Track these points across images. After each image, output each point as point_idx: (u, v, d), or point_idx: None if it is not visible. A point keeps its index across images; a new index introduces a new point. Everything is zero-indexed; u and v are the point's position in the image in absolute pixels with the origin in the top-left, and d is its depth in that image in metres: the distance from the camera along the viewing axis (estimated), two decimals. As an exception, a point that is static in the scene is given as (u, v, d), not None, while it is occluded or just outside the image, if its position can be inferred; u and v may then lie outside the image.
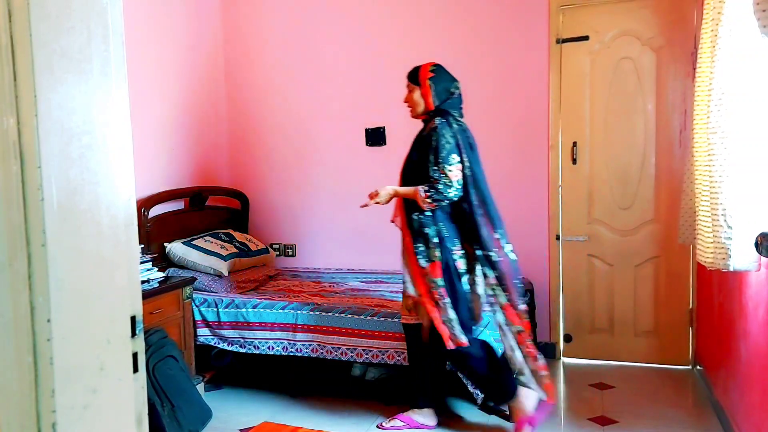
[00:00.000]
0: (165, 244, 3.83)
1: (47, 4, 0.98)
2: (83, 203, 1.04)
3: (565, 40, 3.95)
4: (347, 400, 3.45)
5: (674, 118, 3.81)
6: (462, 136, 2.86)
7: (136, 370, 1.16)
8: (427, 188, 2.78)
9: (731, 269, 2.23)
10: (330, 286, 4.01)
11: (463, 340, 2.81)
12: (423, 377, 3.06)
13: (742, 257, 2.19)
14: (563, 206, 4.04)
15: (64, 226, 1.01)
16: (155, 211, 3.83)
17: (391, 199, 2.93)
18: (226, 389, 3.66)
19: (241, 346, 3.48)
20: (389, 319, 3.24)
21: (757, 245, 1.90)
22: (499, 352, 3.02)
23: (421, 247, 2.83)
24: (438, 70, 2.94)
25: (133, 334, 1.15)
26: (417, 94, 2.94)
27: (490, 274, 2.84)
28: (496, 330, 2.94)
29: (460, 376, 3.08)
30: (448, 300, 2.80)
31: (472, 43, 4.15)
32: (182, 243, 3.85)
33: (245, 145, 4.70)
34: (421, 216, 2.84)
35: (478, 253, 2.85)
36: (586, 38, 3.91)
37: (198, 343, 3.54)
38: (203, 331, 3.55)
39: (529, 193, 4.08)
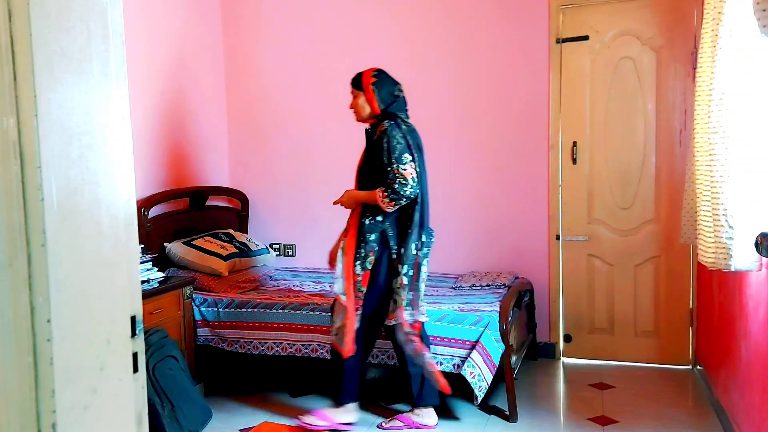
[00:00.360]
0: (165, 244, 3.82)
1: (47, 4, 0.98)
2: (83, 203, 1.04)
3: (565, 40, 3.95)
4: (347, 400, 3.44)
5: (674, 117, 3.81)
6: (411, 136, 2.93)
7: (136, 370, 1.16)
8: (384, 189, 2.83)
9: (733, 269, 2.22)
10: (330, 286, 4.00)
11: (353, 349, 2.92)
12: (418, 375, 3.05)
13: (744, 257, 2.19)
14: (563, 206, 4.04)
15: (64, 226, 1.01)
16: (155, 211, 3.82)
17: (354, 204, 2.97)
18: (226, 389, 3.65)
19: (241, 347, 3.48)
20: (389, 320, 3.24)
21: (757, 245, 1.90)
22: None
23: (362, 253, 2.91)
24: (380, 74, 3.00)
25: (133, 334, 1.15)
26: (362, 100, 3.00)
27: (403, 272, 2.89)
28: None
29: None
30: (361, 310, 2.92)
31: (472, 43, 4.14)
32: (182, 243, 3.84)
33: (245, 144, 4.69)
34: (372, 221, 2.91)
35: (402, 251, 2.90)
36: (586, 38, 3.91)
37: (198, 343, 3.54)
38: (203, 331, 3.55)
39: (529, 193, 4.09)
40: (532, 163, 4.07)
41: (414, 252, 2.89)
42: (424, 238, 2.93)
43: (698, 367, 3.79)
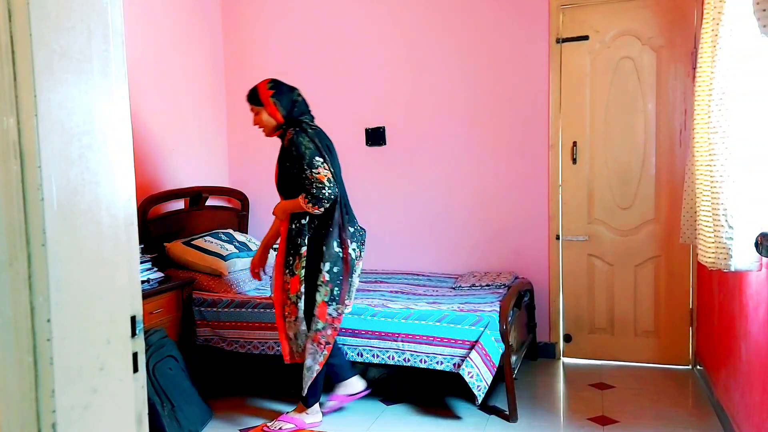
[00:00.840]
0: (165, 244, 3.82)
1: (47, 4, 0.98)
2: (83, 203, 1.04)
3: (565, 40, 3.95)
4: (347, 400, 3.45)
5: (674, 117, 3.81)
6: (319, 138, 2.95)
7: (136, 370, 1.16)
8: (305, 195, 2.88)
9: (732, 269, 2.22)
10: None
11: (287, 354, 3.02)
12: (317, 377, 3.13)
13: (743, 257, 2.19)
14: (563, 206, 4.04)
15: (64, 226, 1.01)
16: (155, 211, 3.82)
17: (285, 214, 3.00)
18: (226, 389, 3.66)
19: (241, 347, 3.48)
20: (389, 320, 3.24)
21: (757, 245, 1.90)
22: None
23: (291, 260, 2.96)
24: (275, 84, 2.99)
25: (133, 334, 1.15)
26: (265, 115, 3.00)
27: (325, 269, 2.92)
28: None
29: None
30: (298, 317, 2.95)
31: (472, 43, 4.14)
32: (182, 243, 3.84)
33: (245, 145, 4.69)
34: (298, 224, 2.96)
35: (324, 249, 2.93)
36: (586, 38, 3.91)
37: (198, 343, 3.54)
38: (203, 331, 3.55)
39: (529, 193, 4.09)
40: (532, 163, 4.07)
41: (337, 250, 2.93)
42: (346, 235, 2.97)
43: (698, 367, 3.79)
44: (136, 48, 3.76)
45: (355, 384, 3.22)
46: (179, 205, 4.13)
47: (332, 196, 2.88)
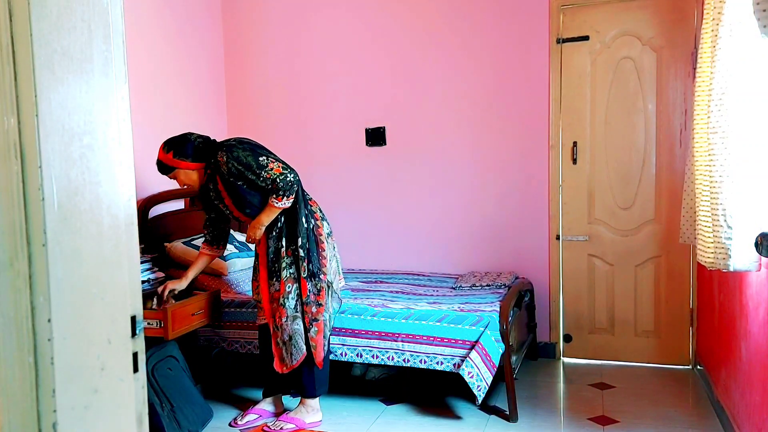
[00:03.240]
0: (165, 244, 3.82)
1: (48, 4, 0.98)
2: (84, 203, 1.04)
3: (565, 40, 3.95)
4: (347, 399, 3.45)
5: (675, 117, 3.81)
6: (247, 144, 2.96)
7: (136, 370, 1.16)
8: (274, 195, 2.87)
9: (731, 269, 2.23)
10: (330, 286, 4.00)
11: (294, 363, 2.99)
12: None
13: (743, 257, 2.19)
14: (563, 206, 4.04)
15: (65, 226, 1.01)
16: (155, 211, 3.82)
17: (262, 228, 2.97)
18: (226, 389, 3.65)
19: (241, 347, 3.48)
20: (389, 320, 3.24)
21: (757, 245, 1.90)
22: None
23: (276, 266, 2.97)
24: (169, 144, 2.95)
25: (134, 333, 1.15)
26: (182, 173, 2.97)
27: (299, 244, 2.95)
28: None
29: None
30: (288, 316, 2.95)
31: (472, 43, 4.15)
32: (182, 243, 3.84)
33: (245, 145, 4.69)
34: (277, 230, 2.97)
35: (298, 226, 2.96)
36: (586, 38, 3.91)
37: (198, 343, 3.54)
38: (204, 331, 3.54)
39: (529, 193, 4.09)
40: (532, 163, 4.07)
41: (305, 225, 2.96)
42: (311, 208, 3.03)
43: (698, 367, 3.79)
44: (137, 48, 3.75)
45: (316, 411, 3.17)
46: (179, 205, 4.13)
47: (297, 178, 2.90)
